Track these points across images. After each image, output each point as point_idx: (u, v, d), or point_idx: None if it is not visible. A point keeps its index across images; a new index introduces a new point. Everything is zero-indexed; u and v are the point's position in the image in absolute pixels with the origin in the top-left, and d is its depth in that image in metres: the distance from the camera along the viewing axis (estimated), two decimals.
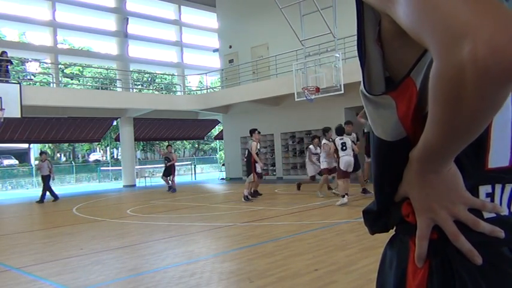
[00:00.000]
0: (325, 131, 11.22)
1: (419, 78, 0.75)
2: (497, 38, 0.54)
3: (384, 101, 0.79)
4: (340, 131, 10.12)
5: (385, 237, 0.94)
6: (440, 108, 0.63)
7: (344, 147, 9.89)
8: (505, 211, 0.78)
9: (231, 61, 21.40)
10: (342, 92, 13.36)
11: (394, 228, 0.89)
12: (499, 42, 0.53)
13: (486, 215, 0.77)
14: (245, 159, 12.18)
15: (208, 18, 28.44)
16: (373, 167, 0.89)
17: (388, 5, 0.68)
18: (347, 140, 10.02)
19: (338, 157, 9.99)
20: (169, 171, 16.44)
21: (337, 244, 5.59)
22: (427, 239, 0.78)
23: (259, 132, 11.91)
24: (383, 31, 0.79)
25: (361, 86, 0.83)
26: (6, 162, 37.01)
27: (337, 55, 13.35)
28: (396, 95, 0.77)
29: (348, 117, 15.91)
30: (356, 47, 0.83)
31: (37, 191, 22.07)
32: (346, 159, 9.83)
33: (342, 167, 9.85)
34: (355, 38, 0.83)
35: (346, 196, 9.49)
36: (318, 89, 13.88)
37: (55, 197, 15.01)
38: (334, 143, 10.13)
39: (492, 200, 0.78)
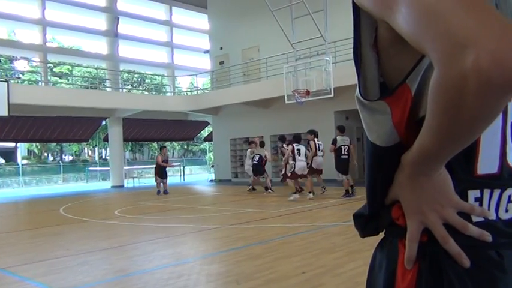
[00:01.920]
0: (284, 138, 13.71)
1: (414, 85, 0.76)
2: (501, 48, 0.54)
3: (379, 106, 0.79)
4: (297, 139, 11.80)
5: (373, 241, 0.94)
6: (439, 115, 0.64)
7: (299, 154, 11.46)
8: (492, 215, 0.79)
9: (221, 63, 21.37)
10: (332, 95, 13.42)
11: (384, 231, 0.89)
12: (503, 54, 0.54)
13: (475, 218, 0.78)
14: (256, 162, 13.72)
15: (200, 20, 28.39)
16: (366, 172, 0.89)
17: (388, 13, 0.68)
18: (301, 147, 11.59)
19: (294, 161, 11.40)
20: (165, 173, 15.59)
21: (325, 247, 5.61)
22: (417, 242, 0.79)
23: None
24: (380, 38, 0.80)
25: (357, 92, 0.83)
26: None
27: (328, 59, 13.41)
28: (392, 100, 0.78)
29: (338, 120, 16.03)
30: (352, 52, 0.83)
31: (24, 191, 21.89)
32: (301, 165, 11.35)
33: (296, 171, 11.40)
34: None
35: (297, 193, 11.19)
36: (308, 92, 13.92)
37: None
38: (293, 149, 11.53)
39: (480, 205, 0.79)
